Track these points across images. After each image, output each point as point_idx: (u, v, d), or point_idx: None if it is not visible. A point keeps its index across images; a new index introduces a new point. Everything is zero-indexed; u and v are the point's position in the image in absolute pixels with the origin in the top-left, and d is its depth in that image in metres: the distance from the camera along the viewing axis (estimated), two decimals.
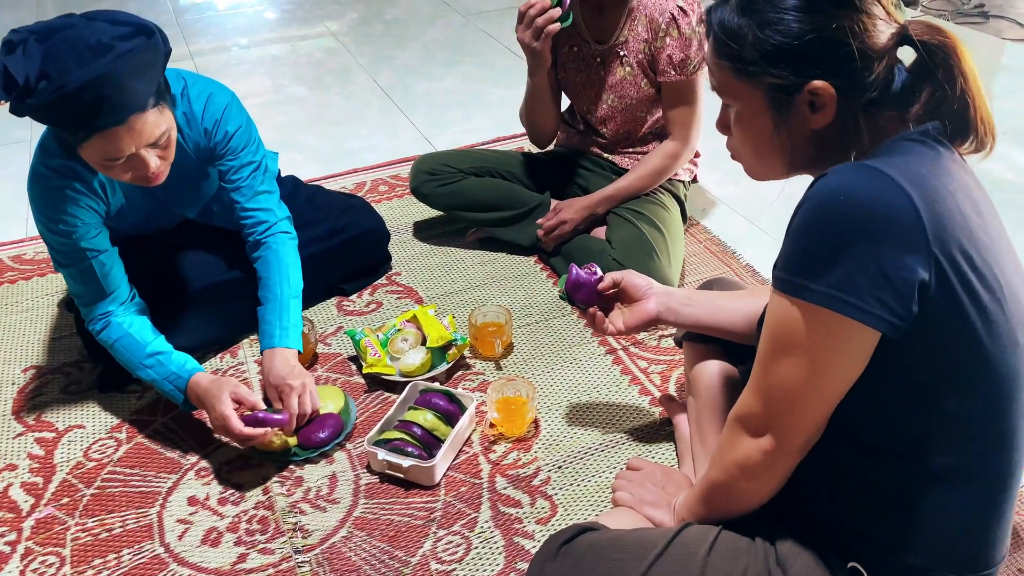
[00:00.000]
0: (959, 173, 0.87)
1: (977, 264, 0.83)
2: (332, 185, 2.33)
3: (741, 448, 0.94)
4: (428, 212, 2.18)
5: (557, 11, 1.68)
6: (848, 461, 0.92)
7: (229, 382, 1.44)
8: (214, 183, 1.68)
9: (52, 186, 1.43)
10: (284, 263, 1.63)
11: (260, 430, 1.41)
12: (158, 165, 1.37)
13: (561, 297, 1.36)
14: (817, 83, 0.87)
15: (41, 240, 2.13)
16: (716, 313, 1.26)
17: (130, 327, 1.49)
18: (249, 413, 1.42)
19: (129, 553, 1.33)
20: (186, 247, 1.76)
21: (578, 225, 1.91)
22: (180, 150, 1.52)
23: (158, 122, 1.34)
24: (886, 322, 0.81)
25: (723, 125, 0.99)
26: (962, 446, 0.88)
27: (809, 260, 0.83)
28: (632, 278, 1.32)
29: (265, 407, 1.46)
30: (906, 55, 0.90)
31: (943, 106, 0.87)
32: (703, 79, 1.79)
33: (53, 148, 1.43)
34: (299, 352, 1.56)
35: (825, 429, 0.91)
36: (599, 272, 1.35)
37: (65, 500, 1.43)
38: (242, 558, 1.32)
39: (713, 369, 1.30)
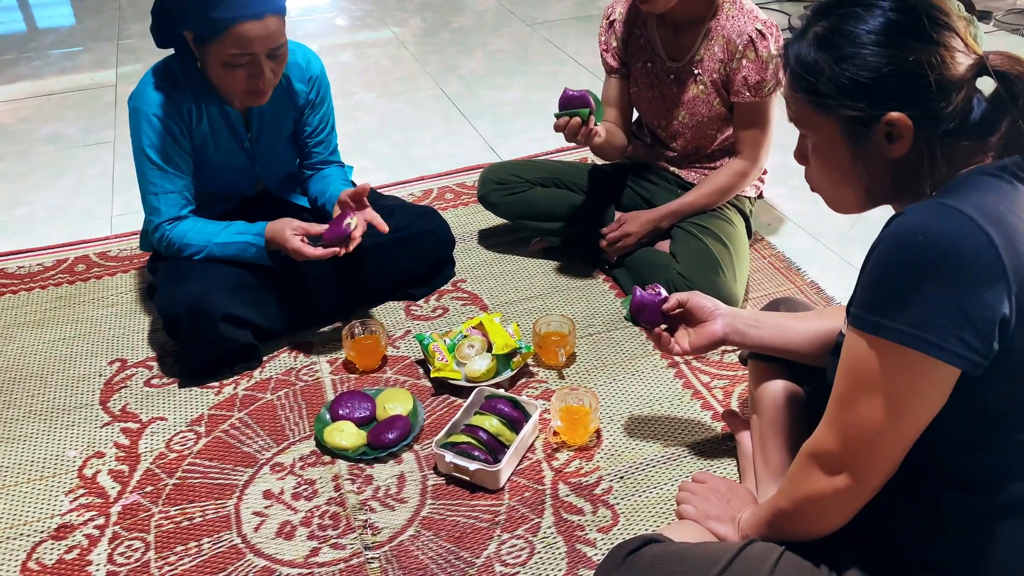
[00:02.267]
0: None
1: None
2: (400, 192, 2.39)
3: (814, 484, 0.95)
4: (492, 220, 2.22)
5: (589, 127, 1.71)
6: (924, 491, 0.93)
7: (287, 223, 1.68)
8: (292, 160, 1.91)
9: (148, 100, 1.68)
10: (348, 175, 2.00)
11: (331, 250, 1.65)
12: (270, 78, 1.62)
13: (626, 319, 1.39)
14: (894, 115, 0.88)
15: (125, 238, 2.25)
16: (782, 335, 1.27)
17: (200, 219, 1.76)
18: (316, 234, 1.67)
19: (209, 542, 1.40)
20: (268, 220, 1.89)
21: (641, 238, 1.94)
22: (287, 94, 1.80)
23: (282, 31, 1.60)
24: (966, 359, 0.82)
25: (801, 155, 1.01)
26: None
27: (888, 298, 0.84)
28: (698, 299, 1.33)
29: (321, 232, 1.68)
30: (987, 84, 0.91)
31: (1023, 137, 0.88)
32: (776, 101, 1.80)
33: (150, 79, 1.69)
34: None
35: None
36: (663, 292, 1.37)
37: (149, 488, 1.51)
38: (314, 552, 1.37)
39: (778, 388, 1.31)
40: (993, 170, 0.88)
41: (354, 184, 2.01)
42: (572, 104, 1.70)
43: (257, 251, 1.70)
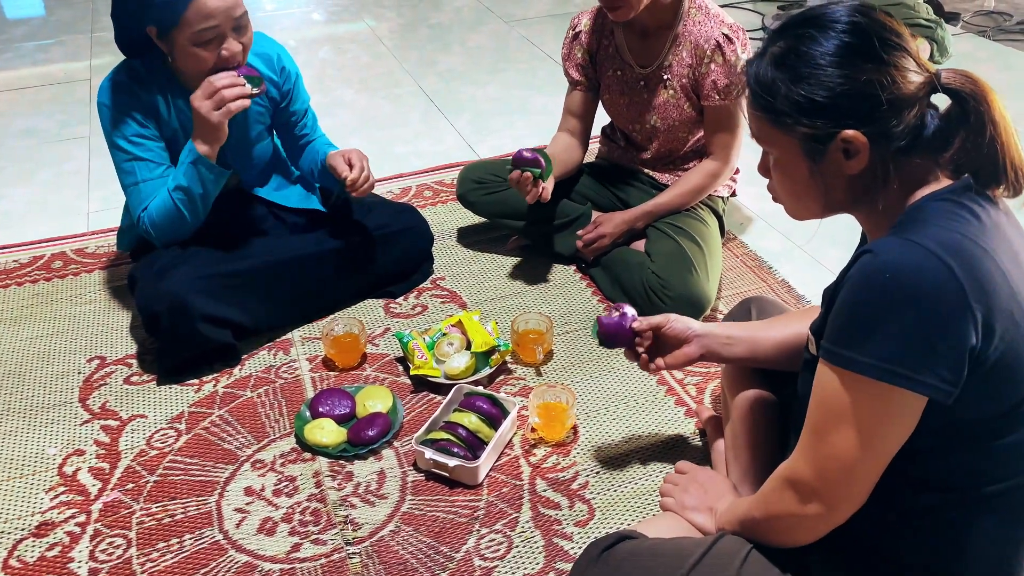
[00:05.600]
0: (994, 226, 0.90)
1: (1018, 319, 0.87)
2: (379, 190, 2.38)
3: (786, 507, 0.98)
4: (470, 218, 2.25)
5: (538, 188, 1.82)
6: (895, 492, 0.95)
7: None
8: (267, 150, 1.91)
9: (111, 94, 1.71)
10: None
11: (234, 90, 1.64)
12: (238, 49, 1.65)
13: (600, 344, 1.40)
14: (849, 132, 0.91)
15: (102, 235, 2.25)
16: (754, 349, 1.29)
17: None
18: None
19: (191, 538, 1.41)
20: (247, 226, 1.90)
21: (617, 239, 1.97)
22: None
23: (240, 1, 1.63)
24: (938, 389, 0.85)
25: (764, 169, 1.04)
26: (1014, 476, 0.93)
27: (858, 334, 0.87)
28: (674, 325, 1.33)
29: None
30: (942, 100, 0.94)
31: (975, 152, 0.91)
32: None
33: (112, 75, 1.72)
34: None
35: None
36: (626, 310, 1.37)
37: (130, 486, 1.52)
38: (296, 547, 1.39)
39: (751, 397, 1.33)
40: (949, 195, 0.91)
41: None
42: (525, 163, 1.81)
43: (204, 166, 1.69)
